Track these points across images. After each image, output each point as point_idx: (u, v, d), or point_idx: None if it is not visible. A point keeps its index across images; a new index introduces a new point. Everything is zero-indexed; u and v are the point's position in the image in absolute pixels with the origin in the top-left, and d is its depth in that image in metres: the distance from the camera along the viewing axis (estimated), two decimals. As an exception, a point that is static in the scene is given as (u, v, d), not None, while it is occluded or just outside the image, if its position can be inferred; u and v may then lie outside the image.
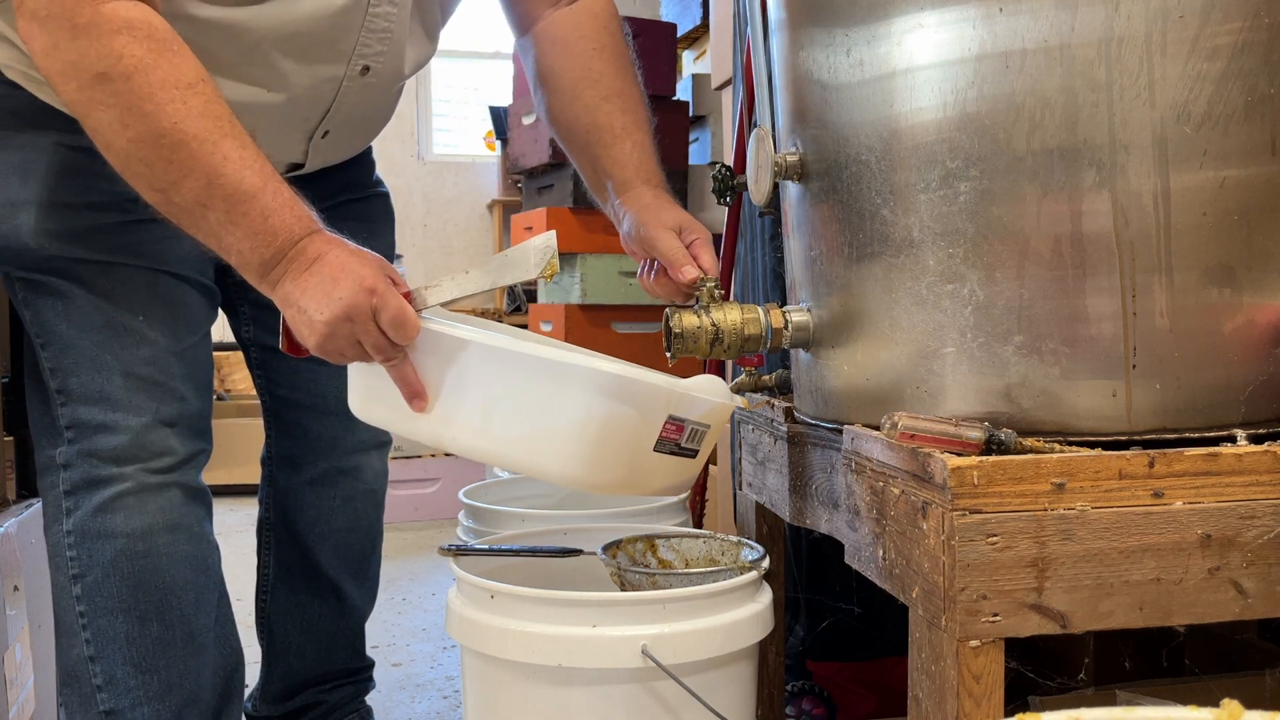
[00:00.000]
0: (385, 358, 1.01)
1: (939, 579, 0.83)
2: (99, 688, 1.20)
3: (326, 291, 0.98)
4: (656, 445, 1.02)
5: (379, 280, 0.99)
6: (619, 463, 1.01)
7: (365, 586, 1.58)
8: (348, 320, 0.98)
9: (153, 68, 0.97)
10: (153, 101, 0.97)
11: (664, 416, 1.02)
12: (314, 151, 1.32)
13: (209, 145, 0.98)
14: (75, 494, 1.19)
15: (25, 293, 1.21)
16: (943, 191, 0.92)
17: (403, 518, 3.40)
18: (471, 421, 1.02)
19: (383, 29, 1.22)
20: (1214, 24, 0.86)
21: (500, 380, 1.01)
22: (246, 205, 0.99)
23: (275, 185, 1.00)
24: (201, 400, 1.25)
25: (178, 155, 0.98)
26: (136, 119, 0.97)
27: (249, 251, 1.00)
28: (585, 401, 0.98)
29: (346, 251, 1.01)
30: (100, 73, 0.96)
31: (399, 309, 0.99)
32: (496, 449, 1.03)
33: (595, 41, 1.29)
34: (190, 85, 0.98)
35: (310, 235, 1.01)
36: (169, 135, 0.97)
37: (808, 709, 1.48)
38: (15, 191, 1.17)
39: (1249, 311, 0.89)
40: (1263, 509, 0.84)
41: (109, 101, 0.97)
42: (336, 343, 1.00)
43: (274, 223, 0.99)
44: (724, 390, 1.10)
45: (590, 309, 3.11)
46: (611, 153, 1.25)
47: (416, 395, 1.03)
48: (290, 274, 1.00)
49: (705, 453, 1.11)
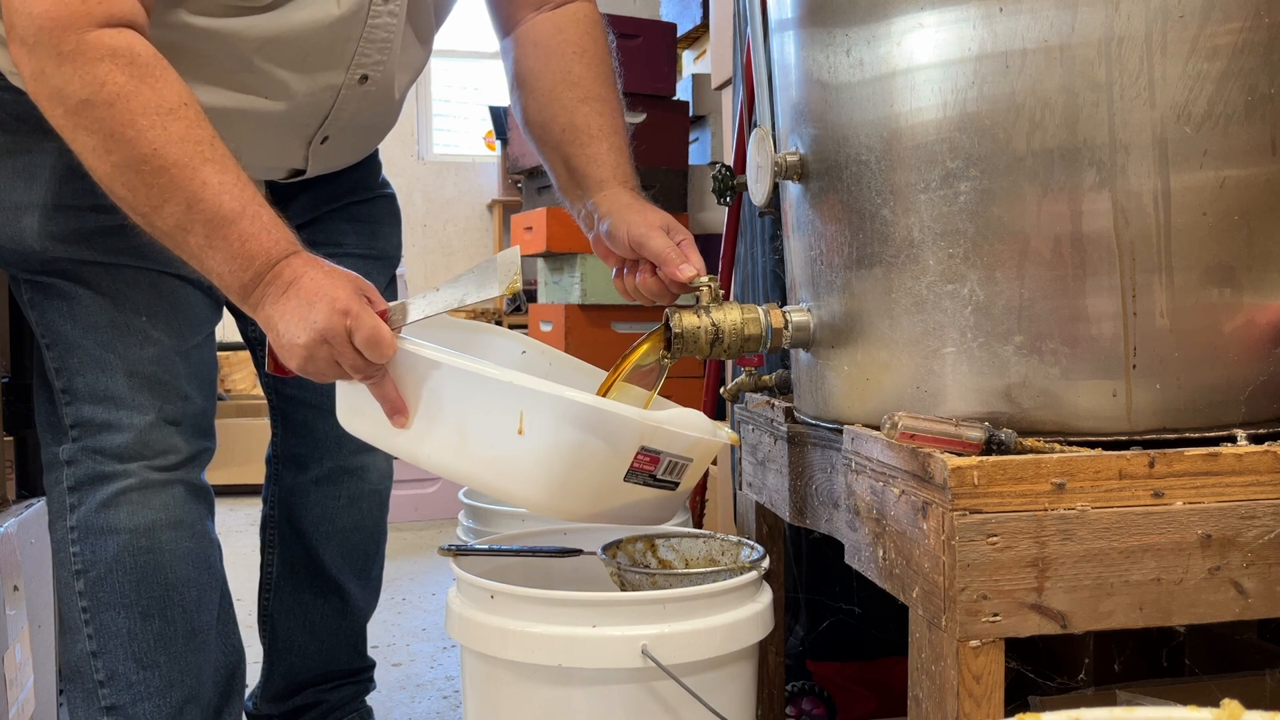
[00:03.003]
0: (364, 377, 1.03)
1: (939, 579, 0.83)
2: (101, 683, 1.20)
3: (303, 315, 0.99)
4: (628, 476, 1.02)
5: (353, 301, 1.00)
6: (587, 491, 1.02)
7: (368, 587, 1.58)
8: (324, 343, 0.99)
9: (134, 94, 0.99)
10: (134, 128, 0.98)
11: (635, 448, 1.01)
12: (314, 157, 1.32)
13: (188, 171, 0.99)
14: (79, 490, 1.20)
15: (31, 294, 1.23)
16: (943, 191, 0.92)
17: (403, 518, 3.40)
18: (449, 441, 1.03)
19: (382, 39, 1.22)
20: (1214, 24, 0.86)
21: (472, 403, 1.01)
22: (225, 230, 1.00)
23: (254, 209, 1.02)
24: (205, 399, 1.26)
25: (158, 180, 0.99)
26: (118, 145, 0.99)
27: (228, 275, 1.02)
28: (553, 430, 0.98)
29: (322, 272, 1.02)
30: (84, 99, 0.98)
31: (373, 329, 0.99)
32: (469, 469, 1.04)
33: (576, 46, 1.29)
34: (171, 111, 1.00)
35: (287, 258, 1.02)
36: (149, 161, 0.99)
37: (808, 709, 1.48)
38: (21, 195, 1.18)
39: (1249, 311, 0.89)
40: (1263, 509, 0.84)
41: (92, 127, 0.99)
42: (317, 364, 1.01)
43: (251, 247, 1.01)
44: (705, 425, 1.09)
45: (590, 309, 3.11)
46: (587, 152, 1.25)
47: (397, 412, 1.05)
48: (269, 297, 1.02)
49: (689, 484, 1.11)
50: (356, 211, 1.46)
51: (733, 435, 1.15)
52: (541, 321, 3.25)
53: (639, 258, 1.19)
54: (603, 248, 1.23)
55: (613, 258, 1.23)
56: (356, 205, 1.46)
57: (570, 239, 3.11)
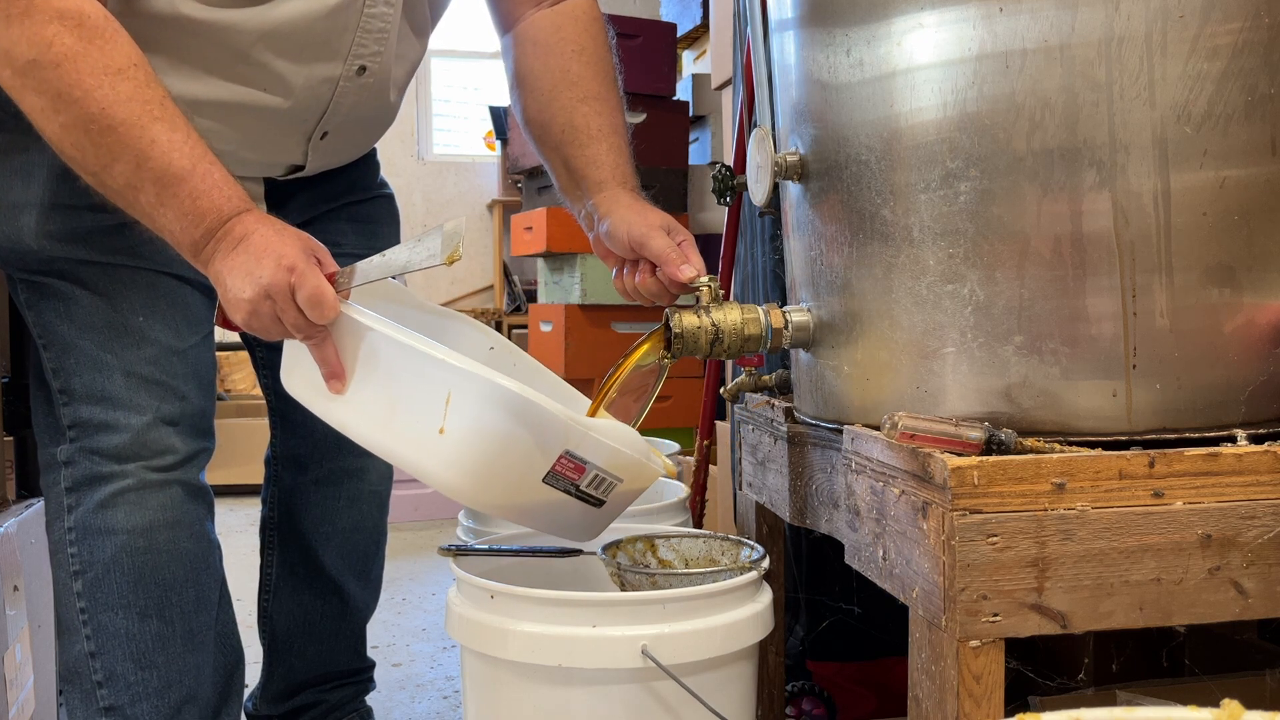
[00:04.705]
0: (305, 336, 1.03)
1: (939, 579, 0.83)
2: (99, 684, 1.20)
3: (249, 270, 1.00)
4: (548, 478, 1.00)
5: (300, 259, 1.00)
6: (502, 483, 1.00)
7: (368, 587, 1.58)
8: (268, 298, 1.00)
9: (82, 55, 0.99)
10: (81, 88, 0.99)
11: (560, 448, 0.99)
12: (314, 153, 1.32)
13: (136, 130, 1.00)
14: (77, 490, 1.20)
15: (28, 294, 1.23)
16: (943, 191, 0.92)
17: (403, 518, 3.39)
18: (377, 412, 1.03)
19: (379, 29, 1.22)
20: (1214, 24, 0.86)
21: (404, 376, 1.01)
22: (175, 188, 1.01)
23: (205, 167, 1.02)
24: (204, 399, 1.25)
25: (105, 140, 1.00)
26: (65, 105, 1.00)
27: (180, 232, 1.02)
28: (478, 412, 0.97)
29: (273, 230, 1.02)
30: (31, 59, 0.99)
31: (315, 288, 0.99)
32: (391, 444, 1.03)
33: (575, 44, 1.29)
34: (120, 71, 1.00)
35: (239, 215, 1.02)
36: (97, 120, 0.99)
37: (808, 709, 1.48)
38: (18, 194, 1.18)
39: (1249, 311, 0.89)
40: (1263, 509, 0.84)
41: (40, 88, 1.00)
42: (261, 320, 1.02)
43: (203, 204, 1.01)
44: (639, 446, 1.06)
45: (590, 309, 3.11)
46: (587, 153, 1.25)
47: (334, 376, 1.04)
48: (220, 253, 1.02)
49: (616, 505, 1.08)
50: (355, 211, 1.46)
51: (669, 466, 1.12)
52: (541, 321, 3.25)
53: (639, 258, 1.19)
54: (602, 248, 1.23)
55: (613, 258, 1.22)
56: (355, 205, 1.46)
57: (570, 239, 3.11)
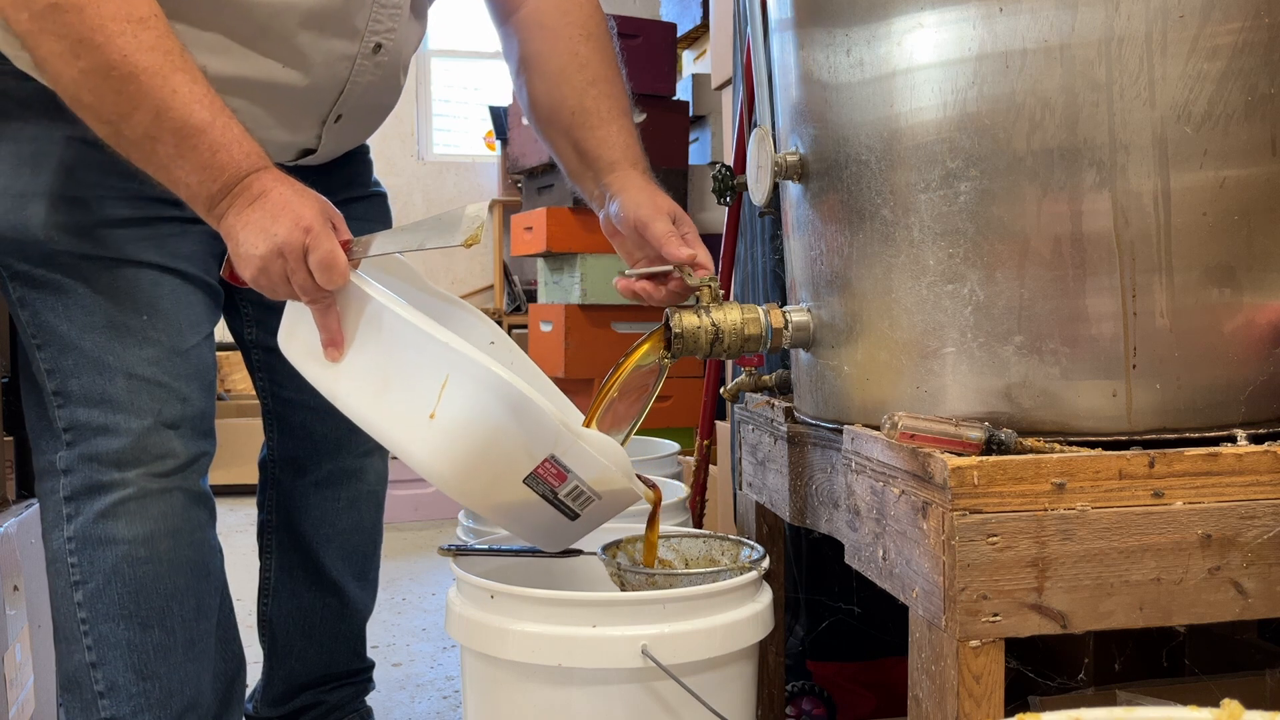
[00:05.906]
0: (310, 299, 1.02)
1: (939, 579, 0.83)
2: (100, 694, 1.19)
3: (264, 227, 0.99)
4: (528, 478, 1.00)
5: (316, 220, 1.00)
6: (483, 474, 1.00)
7: (367, 588, 1.58)
8: (280, 256, 0.99)
9: (104, 0, 0.98)
10: (103, 33, 0.98)
11: (547, 451, 0.99)
12: (327, 135, 1.31)
13: (159, 78, 0.99)
14: (76, 500, 1.18)
15: (23, 291, 1.19)
16: (943, 191, 0.92)
17: (402, 518, 3.39)
18: (370, 385, 1.02)
19: (394, 4, 1.23)
20: (1214, 24, 0.86)
21: (404, 354, 1.00)
22: (195, 139, 1.00)
23: (225, 120, 1.01)
24: (205, 401, 1.24)
25: (127, 88, 0.99)
26: (87, 50, 0.98)
27: (197, 185, 1.02)
28: (472, 399, 0.96)
29: (292, 189, 1.02)
30: (51, 3, 0.98)
31: (329, 252, 0.99)
32: (378, 421, 1.02)
33: (582, 28, 1.29)
34: (142, 20, 0.99)
35: (257, 171, 1.02)
36: (119, 67, 0.98)
37: (808, 709, 1.48)
38: (26, 183, 1.16)
39: (1249, 311, 0.89)
40: (1263, 509, 0.84)
41: (60, 32, 0.98)
42: (270, 277, 1.01)
43: (222, 157, 1.01)
44: (624, 464, 1.06)
45: (590, 309, 3.11)
46: (598, 134, 1.25)
47: (333, 343, 1.04)
48: (235, 207, 1.02)
49: (590, 522, 1.08)
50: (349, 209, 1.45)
51: (648, 494, 1.11)
52: (541, 321, 3.25)
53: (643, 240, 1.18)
54: (610, 226, 1.23)
55: (618, 237, 1.22)
56: (350, 203, 1.46)
57: (570, 239, 3.11)
